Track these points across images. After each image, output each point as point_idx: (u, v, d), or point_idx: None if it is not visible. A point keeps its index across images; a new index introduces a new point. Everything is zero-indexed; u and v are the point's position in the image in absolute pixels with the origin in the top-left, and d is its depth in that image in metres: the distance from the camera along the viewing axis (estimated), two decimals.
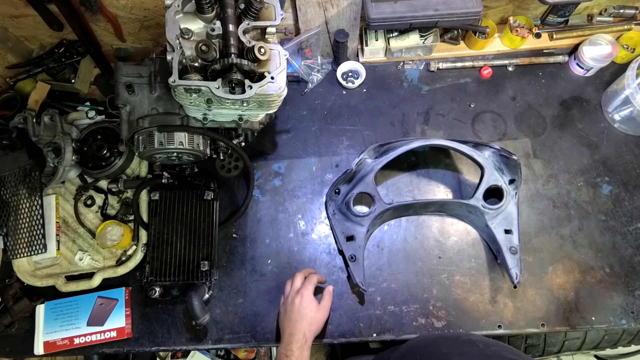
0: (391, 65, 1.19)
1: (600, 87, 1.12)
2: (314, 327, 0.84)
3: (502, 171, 0.99)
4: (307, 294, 0.87)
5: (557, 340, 1.33)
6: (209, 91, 0.75)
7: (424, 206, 1.01)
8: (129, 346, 0.98)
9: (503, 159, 0.98)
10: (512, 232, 0.95)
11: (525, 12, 1.15)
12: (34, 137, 1.00)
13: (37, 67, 1.15)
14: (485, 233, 0.99)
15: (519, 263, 0.93)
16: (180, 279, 0.96)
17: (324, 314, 0.87)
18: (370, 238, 1.02)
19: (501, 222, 0.96)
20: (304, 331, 0.82)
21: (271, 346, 1.56)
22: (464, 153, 0.97)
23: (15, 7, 1.00)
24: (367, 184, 0.96)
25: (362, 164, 1.01)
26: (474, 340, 0.65)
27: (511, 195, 0.97)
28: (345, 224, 1.00)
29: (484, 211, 0.94)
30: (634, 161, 1.05)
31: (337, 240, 1.00)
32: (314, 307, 0.86)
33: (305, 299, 0.86)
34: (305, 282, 0.90)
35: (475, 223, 1.01)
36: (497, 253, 0.96)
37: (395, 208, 0.98)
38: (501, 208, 0.95)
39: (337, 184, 1.02)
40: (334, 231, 1.01)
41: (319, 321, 0.85)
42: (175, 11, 0.77)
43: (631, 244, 0.98)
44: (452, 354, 0.61)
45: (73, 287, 1.00)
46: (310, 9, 1.01)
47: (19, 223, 1.03)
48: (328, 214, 1.04)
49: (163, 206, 1.01)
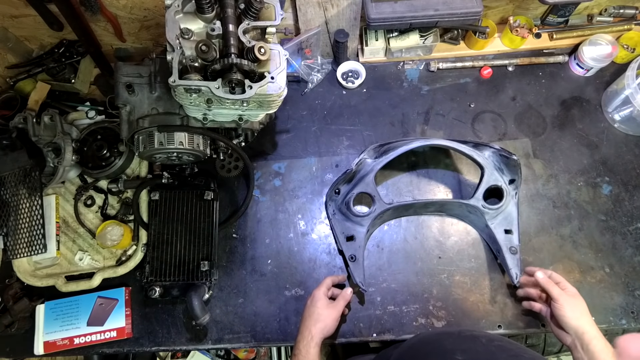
0: (391, 65, 1.19)
1: (600, 87, 1.12)
2: (320, 325, 0.84)
3: (502, 171, 0.99)
4: (316, 293, 0.88)
5: (557, 340, 1.33)
6: (209, 91, 0.75)
7: (424, 206, 1.01)
8: (129, 346, 0.98)
9: (503, 159, 0.98)
10: (512, 232, 0.95)
11: (525, 12, 1.15)
12: (34, 137, 1.00)
13: (37, 67, 1.15)
14: (485, 233, 0.99)
15: (519, 263, 0.93)
16: (180, 279, 0.96)
17: (332, 313, 0.86)
18: (370, 238, 1.02)
19: (501, 222, 0.96)
20: (310, 328, 0.83)
21: (271, 346, 1.56)
22: (464, 153, 0.97)
23: (15, 7, 1.00)
24: (367, 184, 0.96)
25: (362, 164, 1.01)
26: (477, 335, 0.65)
27: (511, 195, 0.97)
28: (345, 224, 1.00)
29: (484, 211, 0.94)
30: (634, 161, 1.05)
31: (337, 240, 1.00)
32: (321, 305, 0.86)
33: (314, 298, 0.88)
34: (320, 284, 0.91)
35: (475, 223, 1.01)
36: (497, 253, 0.96)
37: (396, 208, 0.98)
38: (501, 208, 0.95)
39: (337, 184, 1.02)
40: (334, 231, 1.01)
41: (326, 319, 0.85)
42: (175, 11, 0.77)
43: (631, 244, 0.98)
44: (456, 349, 0.60)
45: (73, 287, 1.00)
46: (310, 9, 1.01)
47: (19, 223, 1.03)
48: (328, 214, 1.04)
49: (163, 206, 1.01)
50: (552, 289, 0.82)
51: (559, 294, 0.81)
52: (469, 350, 0.59)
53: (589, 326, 0.76)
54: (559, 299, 0.80)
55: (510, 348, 0.60)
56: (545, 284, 0.83)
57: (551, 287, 0.82)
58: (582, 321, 0.77)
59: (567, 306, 0.79)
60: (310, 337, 0.82)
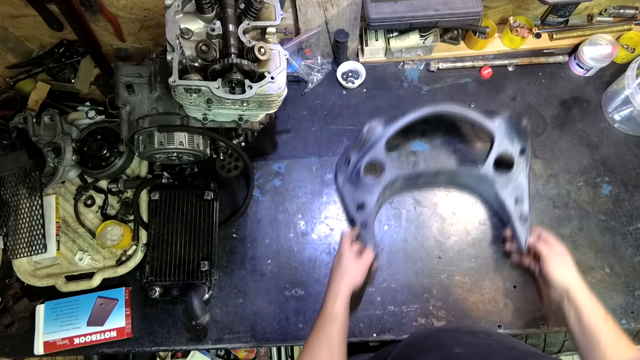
0: (391, 65, 1.19)
1: (600, 87, 1.12)
2: (347, 279, 0.84)
3: (512, 140, 0.98)
4: (341, 248, 0.91)
5: (557, 340, 1.34)
6: (209, 91, 0.75)
7: (434, 176, 1.01)
8: (129, 346, 0.98)
9: (513, 126, 0.97)
10: (523, 201, 0.95)
11: (525, 12, 1.15)
12: (34, 137, 1.00)
13: (37, 67, 1.15)
14: (495, 203, 0.99)
15: (529, 230, 0.93)
16: (180, 279, 0.96)
17: (359, 265, 0.87)
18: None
19: (511, 192, 0.96)
20: (337, 283, 0.83)
21: (271, 346, 1.56)
22: (475, 120, 0.96)
23: (15, 7, 1.00)
24: (378, 151, 0.96)
25: (372, 132, 1.00)
26: (475, 330, 0.66)
27: (522, 166, 0.97)
28: (355, 193, 1.00)
29: (495, 180, 0.94)
30: (634, 161, 1.05)
31: (348, 209, 1.01)
32: (347, 259, 0.88)
33: (340, 254, 0.90)
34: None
35: (485, 194, 1.01)
36: (507, 222, 0.96)
37: (406, 177, 0.98)
38: (511, 177, 0.95)
39: (347, 153, 1.02)
40: (343, 201, 1.02)
41: (353, 272, 0.86)
42: (175, 11, 0.77)
43: (631, 244, 0.98)
44: (454, 344, 0.61)
45: (73, 287, 1.00)
46: (310, 9, 1.01)
47: (19, 223, 1.03)
48: (337, 185, 1.05)
49: (163, 206, 1.01)
50: (540, 248, 0.86)
51: (547, 252, 0.85)
52: (467, 344, 0.60)
53: (575, 280, 0.79)
54: (547, 257, 0.84)
55: (507, 341, 0.61)
56: (534, 245, 0.88)
57: (540, 247, 0.86)
58: (568, 276, 0.80)
59: (553, 263, 0.83)
60: (337, 291, 0.82)
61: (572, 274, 0.81)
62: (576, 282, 0.79)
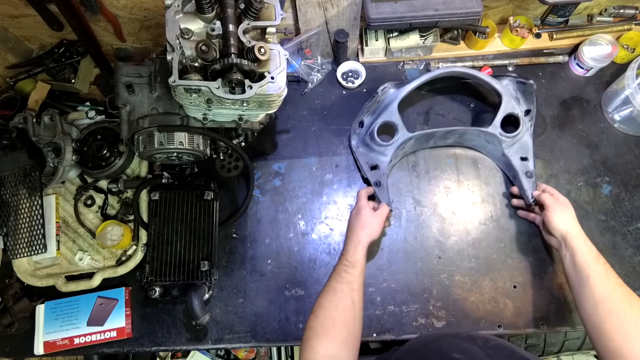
0: (391, 65, 1.19)
1: (600, 87, 1.12)
2: (367, 230, 0.90)
3: (518, 100, 1.02)
4: (359, 204, 0.96)
5: (557, 340, 1.34)
6: (209, 91, 0.75)
7: (443, 136, 1.04)
8: (129, 346, 0.98)
9: (520, 86, 1.02)
10: (528, 159, 1.00)
11: (525, 12, 1.15)
12: (34, 137, 1.00)
13: (37, 67, 1.15)
14: (502, 162, 1.04)
15: (534, 185, 0.97)
16: (180, 279, 0.96)
17: (377, 219, 0.93)
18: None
19: (517, 150, 1.01)
20: (357, 233, 0.89)
21: (271, 346, 1.56)
22: (483, 80, 1.01)
23: (15, 7, 1.00)
24: (391, 112, 1.00)
25: (386, 93, 1.05)
26: (473, 337, 0.67)
27: (527, 126, 1.01)
28: (369, 154, 1.04)
29: (502, 139, 0.98)
30: (634, 161, 1.05)
31: (362, 170, 1.05)
32: (366, 213, 0.93)
33: (359, 208, 0.95)
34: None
35: (492, 153, 1.06)
36: (514, 179, 1.01)
37: (417, 138, 1.02)
38: (517, 137, 0.99)
39: (361, 115, 1.06)
40: (357, 163, 1.06)
41: (373, 225, 0.91)
42: (175, 11, 0.77)
43: (631, 244, 0.98)
44: (453, 351, 0.62)
45: (73, 287, 1.00)
46: (310, 9, 1.01)
47: (19, 223, 1.03)
48: (351, 147, 1.08)
49: (163, 206, 1.01)
50: (545, 199, 0.90)
51: (551, 202, 0.89)
52: (465, 352, 0.61)
53: (573, 227, 0.84)
54: (550, 206, 0.89)
55: (506, 347, 0.62)
56: (539, 197, 0.93)
57: (544, 198, 0.91)
58: (568, 224, 0.85)
59: (555, 212, 0.88)
60: (358, 240, 0.88)
61: (572, 222, 0.86)
62: (574, 229, 0.84)
